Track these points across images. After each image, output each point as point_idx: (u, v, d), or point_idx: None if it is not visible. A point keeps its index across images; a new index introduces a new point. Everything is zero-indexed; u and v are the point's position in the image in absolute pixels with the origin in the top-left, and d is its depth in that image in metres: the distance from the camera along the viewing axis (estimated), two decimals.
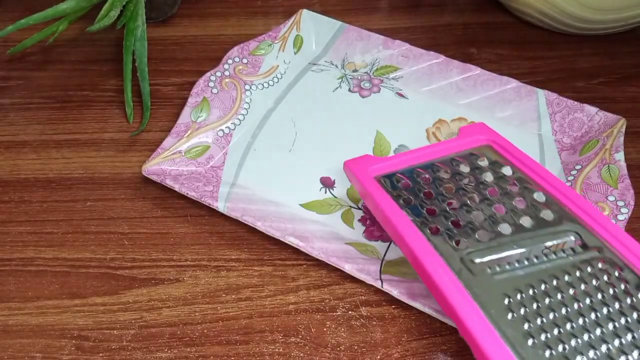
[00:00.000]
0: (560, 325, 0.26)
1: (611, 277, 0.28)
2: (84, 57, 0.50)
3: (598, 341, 0.25)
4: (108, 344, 0.32)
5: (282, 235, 0.35)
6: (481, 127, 0.37)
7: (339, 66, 0.47)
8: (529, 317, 0.26)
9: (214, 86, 0.43)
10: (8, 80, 0.48)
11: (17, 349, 0.32)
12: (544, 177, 0.33)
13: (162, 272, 0.35)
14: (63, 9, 0.44)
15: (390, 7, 0.55)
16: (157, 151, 0.39)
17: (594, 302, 0.27)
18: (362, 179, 0.34)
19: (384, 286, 0.33)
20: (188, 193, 0.37)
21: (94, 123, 0.44)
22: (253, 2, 0.55)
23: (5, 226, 0.38)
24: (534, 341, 0.25)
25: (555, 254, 0.29)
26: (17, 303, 0.34)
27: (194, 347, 0.32)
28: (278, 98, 0.45)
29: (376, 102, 0.44)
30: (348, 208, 0.38)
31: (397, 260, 0.35)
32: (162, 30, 0.52)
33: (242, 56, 0.45)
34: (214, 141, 0.41)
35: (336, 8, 0.55)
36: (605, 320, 0.26)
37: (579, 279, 0.28)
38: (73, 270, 0.35)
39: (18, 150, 0.42)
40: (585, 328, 0.26)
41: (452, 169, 0.34)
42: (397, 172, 0.35)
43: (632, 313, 0.26)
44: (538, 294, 0.27)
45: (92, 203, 0.39)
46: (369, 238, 0.36)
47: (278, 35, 0.47)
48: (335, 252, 0.34)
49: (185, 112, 0.41)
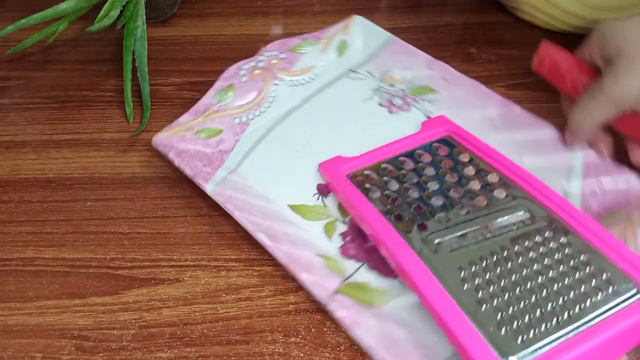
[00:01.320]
0: (509, 290, 0.29)
1: (557, 243, 0.31)
2: (84, 57, 0.50)
3: (544, 301, 0.28)
4: (108, 344, 0.32)
5: (254, 230, 0.34)
6: (442, 120, 0.40)
7: (376, 78, 0.45)
8: (482, 286, 0.29)
9: (245, 74, 0.43)
10: (8, 80, 0.48)
11: (17, 349, 0.32)
12: (499, 160, 0.36)
13: (162, 272, 0.35)
14: (63, 9, 0.44)
15: (390, 7, 0.55)
16: (171, 124, 0.40)
17: (540, 267, 0.30)
18: (335, 178, 0.37)
19: (330, 306, 0.31)
20: (184, 170, 0.37)
21: (94, 123, 0.44)
22: (253, 2, 0.55)
23: (5, 226, 0.38)
24: (486, 306, 0.28)
25: (507, 227, 0.32)
26: (17, 303, 0.34)
27: (194, 347, 0.32)
28: (305, 98, 0.44)
29: (402, 120, 0.43)
30: (334, 220, 0.37)
31: (361, 284, 0.33)
32: (162, 30, 0.52)
33: (281, 50, 0.45)
34: (228, 127, 0.41)
35: (336, 8, 0.54)
36: (551, 281, 0.29)
37: (527, 248, 0.31)
38: (73, 270, 0.35)
39: (18, 150, 0.42)
40: (533, 290, 0.29)
41: (415, 161, 0.37)
42: (365, 168, 0.37)
43: (575, 273, 0.29)
44: (490, 265, 0.30)
45: (92, 203, 0.39)
46: (343, 254, 0.35)
47: (323, 37, 0.46)
48: (298, 259, 0.34)
49: (209, 94, 0.42)
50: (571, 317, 0.28)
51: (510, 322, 0.28)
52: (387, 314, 0.32)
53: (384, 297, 0.33)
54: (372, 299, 0.33)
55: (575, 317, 0.28)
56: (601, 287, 0.29)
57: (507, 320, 0.28)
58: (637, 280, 0.29)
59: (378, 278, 0.34)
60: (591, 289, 0.29)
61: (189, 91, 0.46)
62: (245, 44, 0.51)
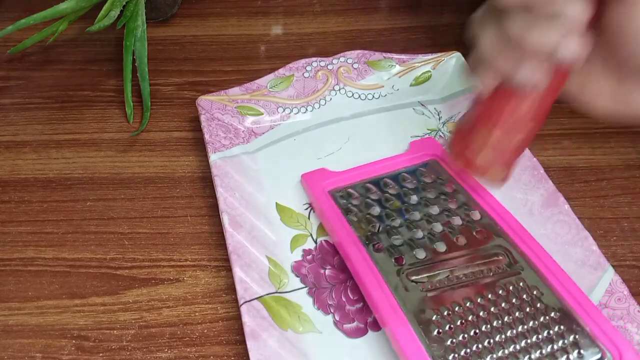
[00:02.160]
0: (480, 341, 0.29)
1: (530, 295, 0.30)
2: (84, 57, 0.50)
3: (511, 356, 0.28)
4: (108, 344, 0.32)
5: (223, 208, 0.35)
6: (430, 142, 0.40)
7: (442, 120, 0.43)
8: (453, 333, 0.29)
9: (310, 71, 0.43)
10: (8, 80, 0.48)
11: (17, 349, 0.32)
12: (482, 195, 0.35)
13: (162, 272, 0.35)
14: (63, 9, 0.44)
15: (390, 7, 0.55)
16: (219, 92, 0.42)
17: (511, 320, 0.29)
18: (315, 192, 0.36)
19: (241, 308, 0.31)
20: (204, 133, 0.39)
21: (94, 123, 0.44)
22: (253, 2, 0.55)
23: (5, 226, 0.38)
24: (454, 356, 0.28)
25: (483, 272, 0.32)
26: (17, 303, 0.34)
27: (194, 347, 0.32)
28: (357, 113, 0.43)
29: None
30: (307, 234, 0.36)
31: (293, 304, 0.33)
32: (162, 30, 0.52)
33: (357, 61, 0.44)
34: (269, 112, 0.42)
35: (336, 8, 0.54)
36: (519, 336, 0.29)
37: (501, 297, 0.30)
38: (73, 270, 0.35)
39: (18, 150, 0.42)
40: (501, 344, 0.29)
41: (399, 185, 0.37)
42: (348, 186, 0.37)
43: (544, 330, 0.29)
44: (461, 311, 0.30)
45: (92, 203, 0.39)
46: (294, 269, 0.34)
47: (407, 62, 0.44)
48: (244, 254, 0.33)
49: (267, 77, 0.43)
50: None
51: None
52: (292, 342, 0.31)
53: (305, 327, 0.32)
54: (292, 322, 0.32)
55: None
56: (568, 349, 0.28)
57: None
58: (605, 347, 0.28)
59: (313, 308, 0.33)
60: (558, 350, 0.28)
61: (189, 91, 0.46)
62: (245, 44, 0.51)
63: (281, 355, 0.30)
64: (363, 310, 0.33)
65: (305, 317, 0.32)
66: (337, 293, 0.33)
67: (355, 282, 0.33)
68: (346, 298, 0.33)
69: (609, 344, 0.28)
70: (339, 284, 0.34)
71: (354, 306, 0.33)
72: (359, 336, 0.32)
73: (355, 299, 0.33)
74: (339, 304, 0.33)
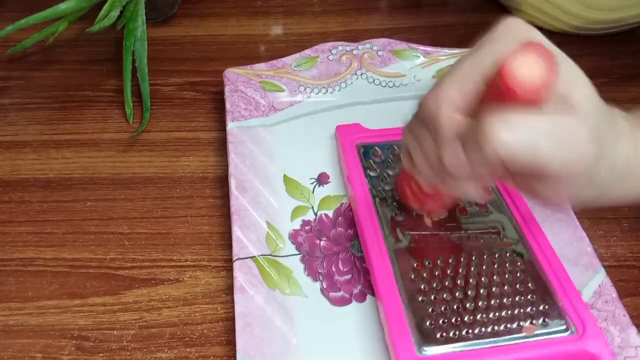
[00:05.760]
0: (451, 291, 0.31)
1: (513, 265, 0.32)
2: (84, 57, 0.50)
3: (477, 310, 0.30)
4: (108, 344, 0.32)
5: (232, 172, 0.37)
6: None
7: None
8: (427, 279, 0.31)
9: (334, 54, 0.44)
10: (8, 80, 0.48)
11: (17, 349, 0.32)
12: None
13: (162, 272, 0.35)
14: (63, 9, 0.44)
15: (390, 7, 0.55)
16: (246, 66, 0.43)
17: (487, 281, 0.31)
18: (344, 143, 0.38)
19: (234, 264, 0.33)
20: (226, 103, 0.41)
21: (94, 123, 0.44)
22: (253, 2, 0.55)
23: (5, 226, 0.38)
24: (423, 298, 0.30)
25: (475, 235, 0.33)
26: (17, 303, 0.34)
27: (194, 347, 0.32)
28: (376, 99, 0.44)
29: None
30: (309, 206, 0.38)
31: (284, 266, 0.35)
32: (162, 30, 0.52)
33: (382, 48, 0.45)
34: (291, 90, 0.43)
35: (336, 8, 0.54)
36: (490, 296, 0.30)
37: (484, 260, 0.32)
38: (73, 270, 0.35)
39: (18, 150, 0.42)
40: (471, 298, 0.30)
41: None
42: (377, 143, 0.38)
43: (516, 296, 0.30)
44: (443, 264, 0.32)
45: (92, 203, 0.39)
46: (290, 237, 0.36)
47: (432, 54, 0.45)
48: (245, 215, 0.35)
49: (293, 56, 0.44)
50: (494, 332, 0.29)
51: (437, 319, 0.29)
52: (278, 301, 0.32)
53: (292, 289, 0.34)
54: (281, 284, 0.33)
55: (497, 333, 0.29)
56: (534, 315, 0.30)
57: (437, 316, 0.30)
58: (571, 322, 0.30)
59: (303, 274, 0.34)
60: (523, 314, 0.30)
61: (189, 91, 0.46)
62: (245, 44, 0.51)
63: (266, 311, 0.31)
64: (351, 281, 0.34)
65: (294, 280, 0.34)
66: (328, 263, 0.35)
67: (347, 256, 0.35)
68: (336, 269, 0.35)
69: (577, 319, 0.30)
70: (331, 255, 0.35)
71: (343, 277, 0.34)
72: (343, 305, 0.33)
73: (345, 271, 0.35)
74: (329, 273, 0.34)
